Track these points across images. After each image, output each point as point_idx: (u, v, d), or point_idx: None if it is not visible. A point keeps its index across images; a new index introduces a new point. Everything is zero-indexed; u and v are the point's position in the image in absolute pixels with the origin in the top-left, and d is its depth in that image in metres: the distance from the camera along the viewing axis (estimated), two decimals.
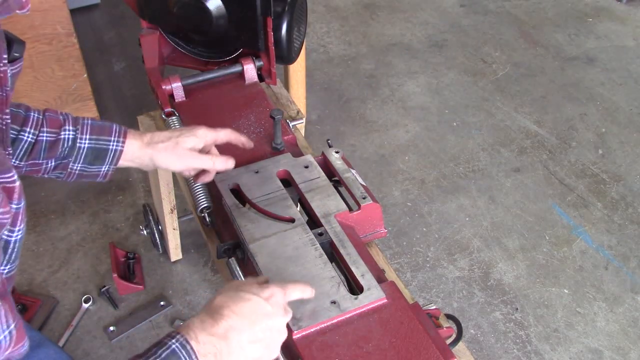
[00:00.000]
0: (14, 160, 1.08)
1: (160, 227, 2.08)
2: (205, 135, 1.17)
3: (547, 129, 2.79)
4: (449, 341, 1.09)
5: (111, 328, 1.96)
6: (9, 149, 0.88)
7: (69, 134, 1.11)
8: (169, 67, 1.71)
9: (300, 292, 0.96)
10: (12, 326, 0.76)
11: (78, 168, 1.14)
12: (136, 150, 1.14)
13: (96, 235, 2.25)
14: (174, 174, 1.75)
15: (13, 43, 0.87)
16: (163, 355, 0.80)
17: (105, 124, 1.14)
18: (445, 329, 1.12)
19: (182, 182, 1.53)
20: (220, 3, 1.49)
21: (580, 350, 1.96)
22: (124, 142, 1.13)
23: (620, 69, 3.17)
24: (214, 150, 1.21)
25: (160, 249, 2.15)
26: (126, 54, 3.14)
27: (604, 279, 2.17)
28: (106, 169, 1.15)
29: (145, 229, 2.11)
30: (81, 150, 1.12)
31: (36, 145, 1.08)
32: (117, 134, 1.13)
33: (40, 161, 1.10)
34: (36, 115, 1.09)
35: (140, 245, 2.22)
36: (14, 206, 0.79)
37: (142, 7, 1.61)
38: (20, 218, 0.82)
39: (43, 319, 1.97)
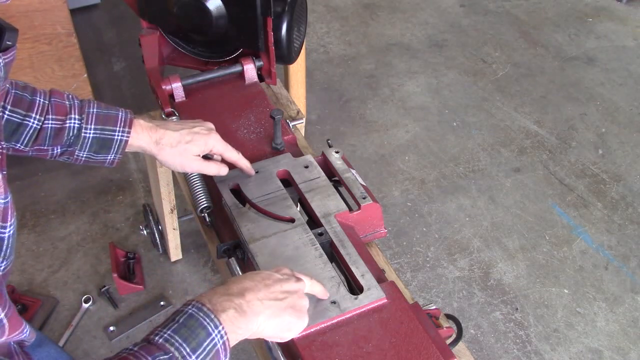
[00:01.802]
0: (19, 145, 1.09)
1: (160, 227, 2.08)
2: (215, 146, 1.20)
3: (547, 129, 2.79)
4: (449, 341, 1.09)
5: (111, 328, 1.96)
6: (2, 142, 0.87)
7: (74, 123, 1.11)
8: (169, 67, 1.71)
9: (311, 285, 0.97)
10: (2, 315, 0.76)
11: (84, 156, 1.15)
12: (143, 144, 1.17)
13: (96, 235, 2.25)
14: (173, 173, 1.75)
15: (5, 31, 0.85)
16: (181, 320, 0.80)
17: (111, 111, 1.15)
18: (445, 329, 1.12)
19: (182, 182, 1.53)
20: (220, 3, 1.49)
21: (580, 350, 1.96)
22: (129, 133, 1.15)
23: (620, 69, 3.17)
24: (217, 156, 1.24)
25: (160, 249, 2.15)
26: (126, 54, 3.13)
27: (604, 279, 2.17)
28: (112, 157, 1.17)
29: (145, 229, 2.11)
30: (86, 140, 1.13)
31: (41, 131, 1.09)
32: (122, 124, 1.14)
33: (45, 147, 1.11)
34: (42, 100, 1.09)
35: (140, 245, 2.22)
36: (1, 201, 0.78)
37: (142, 7, 1.60)
38: (9, 213, 0.81)
39: (43, 319, 1.97)
